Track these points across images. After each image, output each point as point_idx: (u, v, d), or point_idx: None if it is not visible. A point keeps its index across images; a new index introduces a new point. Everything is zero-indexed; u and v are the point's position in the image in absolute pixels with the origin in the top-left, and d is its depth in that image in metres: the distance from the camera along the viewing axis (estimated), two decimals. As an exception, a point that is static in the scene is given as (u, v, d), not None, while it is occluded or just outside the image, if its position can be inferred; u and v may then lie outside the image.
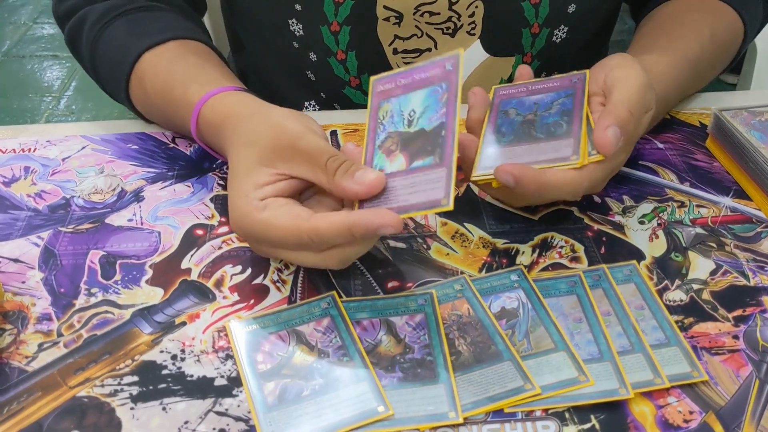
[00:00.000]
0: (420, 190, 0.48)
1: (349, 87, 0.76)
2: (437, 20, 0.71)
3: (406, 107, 0.51)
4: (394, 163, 0.50)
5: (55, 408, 0.46)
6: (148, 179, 0.65)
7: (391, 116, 0.52)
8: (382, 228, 0.46)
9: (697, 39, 0.69)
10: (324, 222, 0.47)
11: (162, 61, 0.65)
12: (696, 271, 0.55)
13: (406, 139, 0.51)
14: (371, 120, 0.53)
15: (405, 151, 0.50)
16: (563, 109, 0.57)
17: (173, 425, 0.45)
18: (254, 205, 0.49)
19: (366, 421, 0.44)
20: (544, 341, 0.49)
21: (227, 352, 0.49)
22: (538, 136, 0.56)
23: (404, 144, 0.50)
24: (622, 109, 0.53)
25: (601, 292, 0.53)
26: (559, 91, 0.58)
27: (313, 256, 0.50)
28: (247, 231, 0.50)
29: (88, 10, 0.69)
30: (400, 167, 0.50)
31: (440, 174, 0.48)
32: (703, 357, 0.49)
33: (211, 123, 0.59)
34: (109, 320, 0.51)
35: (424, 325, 0.50)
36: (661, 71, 0.64)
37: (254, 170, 0.50)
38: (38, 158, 0.67)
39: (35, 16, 2.98)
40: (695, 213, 0.61)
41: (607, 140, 0.52)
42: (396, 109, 0.52)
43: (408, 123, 0.51)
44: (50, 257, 0.56)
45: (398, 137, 0.51)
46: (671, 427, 0.44)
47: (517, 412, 0.45)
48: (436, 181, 0.48)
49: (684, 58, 0.67)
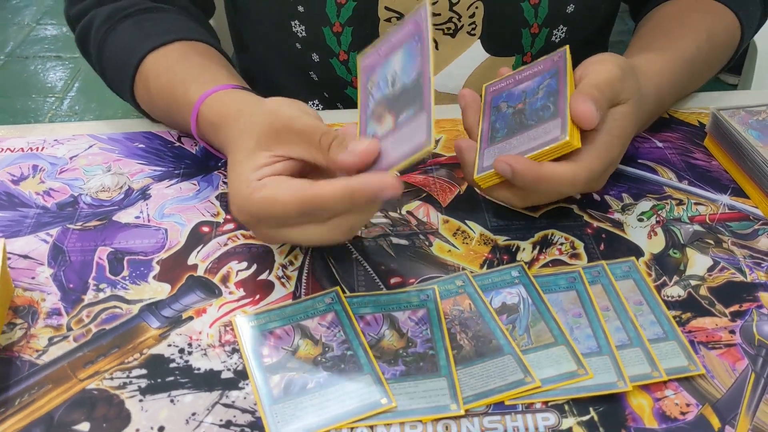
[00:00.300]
0: (405, 140, 0.48)
1: (351, 87, 0.77)
2: (438, 21, 0.72)
3: (389, 71, 0.52)
4: (384, 125, 0.50)
5: (65, 400, 0.47)
6: (155, 177, 0.66)
7: (378, 84, 0.52)
8: (381, 191, 0.46)
9: (694, 39, 0.70)
10: (326, 188, 0.47)
11: (165, 62, 0.66)
12: (694, 267, 0.56)
13: (391, 99, 0.51)
14: (362, 95, 0.54)
15: (392, 111, 0.50)
16: (549, 91, 0.57)
17: (181, 417, 0.46)
18: (253, 186, 0.49)
19: (369, 413, 0.45)
20: (544, 336, 0.50)
21: (233, 346, 0.50)
22: (529, 124, 0.56)
23: (390, 105, 0.50)
24: (590, 89, 0.54)
25: (600, 287, 0.54)
26: (543, 74, 0.59)
27: (317, 229, 0.49)
28: (249, 212, 0.50)
29: (95, 12, 0.70)
30: (389, 127, 0.50)
31: (421, 119, 0.47)
32: (700, 351, 0.50)
33: (210, 121, 0.60)
34: (118, 315, 0.52)
35: (426, 320, 0.51)
36: (658, 70, 0.65)
37: (252, 155, 0.51)
38: (46, 157, 0.68)
39: (38, 17, 3.00)
40: (693, 210, 0.62)
41: (587, 108, 0.53)
42: (381, 76, 0.52)
43: (392, 84, 0.51)
44: (59, 254, 0.57)
45: (385, 101, 0.51)
46: (668, 419, 0.45)
47: (518, 404, 0.46)
48: (417, 127, 0.47)
49: (681, 57, 0.68)
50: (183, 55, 0.66)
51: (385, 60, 0.52)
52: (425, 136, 0.46)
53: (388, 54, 0.52)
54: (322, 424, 0.45)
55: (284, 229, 0.50)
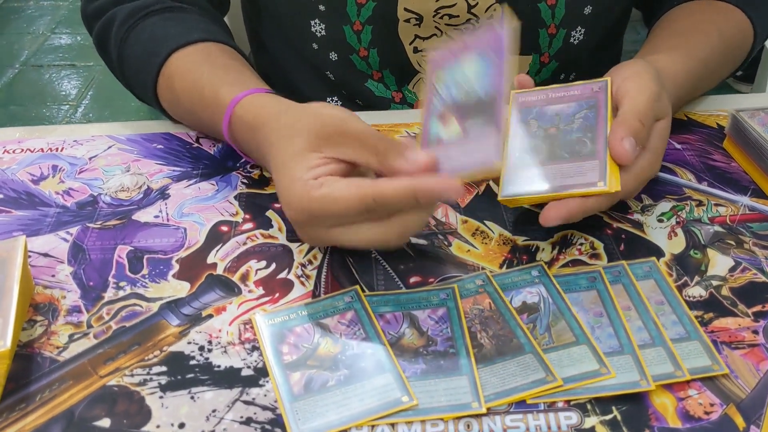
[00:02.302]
0: (472, 153, 0.49)
1: (371, 80, 0.78)
2: (456, 22, 0.72)
3: (461, 75, 0.52)
4: (450, 130, 0.51)
5: (86, 396, 0.47)
6: (174, 178, 0.66)
7: (446, 84, 0.53)
8: (444, 192, 0.48)
9: (708, 40, 0.70)
10: (389, 186, 0.48)
11: (190, 62, 0.66)
12: (715, 267, 0.56)
13: (462, 107, 0.51)
14: (428, 90, 0.54)
15: (461, 119, 0.51)
16: (586, 124, 0.56)
17: (201, 413, 0.46)
18: (310, 185, 0.50)
19: (390, 411, 0.45)
20: (565, 335, 0.50)
21: (253, 344, 0.50)
22: (562, 155, 0.56)
23: (460, 113, 0.51)
24: (632, 120, 0.54)
25: (621, 287, 0.54)
26: (580, 101, 0.58)
27: (372, 229, 0.50)
28: (306, 210, 0.50)
29: (116, 10, 0.70)
30: (455, 133, 0.51)
31: (491, 138, 0.49)
32: (723, 351, 0.49)
33: (246, 122, 0.60)
34: (138, 313, 0.52)
35: (447, 318, 0.51)
36: (674, 71, 0.65)
37: (302, 156, 0.51)
38: (66, 157, 0.69)
39: (53, 26, 3.02)
40: (713, 212, 0.61)
41: (624, 151, 0.53)
42: (451, 77, 0.53)
43: (462, 91, 0.52)
44: (79, 252, 0.58)
45: (455, 106, 0.52)
46: (692, 418, 0.45)
47: (540, 403, 0.46)
48: (486, 142, 0.49)
49: (695, 58, 0.68)
50: (208, 56, 0.67)
51: (455, 60, 0.53)
52: (494, 155, 0.48)
53: (459, 55, 0.53)
54: (343, 422, 0.45)
55: (338, 229, 0.51)
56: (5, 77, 2.63)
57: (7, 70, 2.68)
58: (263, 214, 0.61)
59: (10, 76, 2.64)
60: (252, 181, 0.65)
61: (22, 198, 0.63)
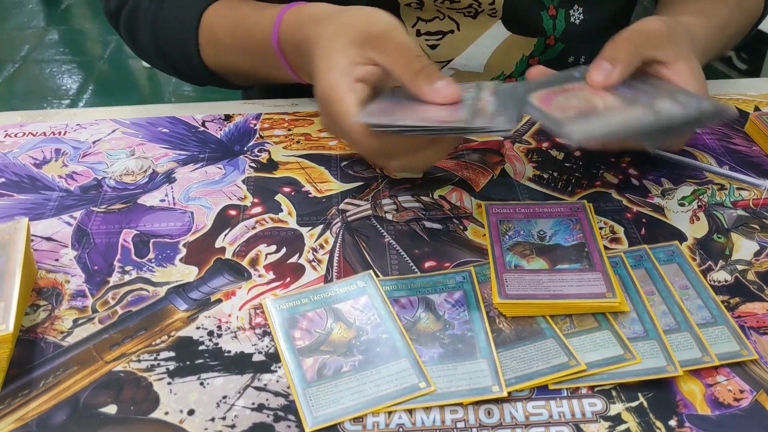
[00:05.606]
0: (581, 284, 0.49)
1: None
2: (458, 6, 0.70)
3: (534, 228, 0.54)
4: (534, 264, 0.51)
5: (91, 382, 0.45)
6: (179, 161, 0.64)
7: (516, 230, 0.54)
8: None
9: (725, 5, 0.68)
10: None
11: (225, 8, 0.67)
12: (740, 252, 0.54)
13: (541, 248, 0.52)
14: (492, 231, 0.54)
15: (544, 257, 0.51)
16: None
17: (211, 400, 0.44)
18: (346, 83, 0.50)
19: (408, 397, 0.43)
20: (587, 320, 0.48)
21: (264, 329, 0.48)
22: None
23: (540, 251, 0.52)
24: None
25: (644, 271, 0.52)
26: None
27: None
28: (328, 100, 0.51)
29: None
30: (542, 266, 0.51)
31: (596, 276, 0.50)
32: (751, 336, 0.47)
33: (296, 22, 0.59)
34: (144, 297, 0.51)
35: (463, 301, 0.49)
36: (695, 34, 0.63)
37: (346, 49, 0.52)
38: (69, 141, 0.67)
39: (54, 20, 3.00)
40: (736, 195, 0.59)
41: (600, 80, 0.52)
42: (518, 227, 0.54)
43: (539, 239, 0.53)
44: (83, 236, 0.56)
45: (530, 245, 0.52)
46: (722, 405, 0.43)
47: (563, 389, 0.44)
48: (593, 279, 0.50)
49: (715, 23, 0.66)
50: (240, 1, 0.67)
51: (525, 219, 0.55)
52: (606, 289, 0.49)
53: (529, 216, 0.56)
54: (359, 408, 0.43)
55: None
56: (6, 72, 2.61)
57: (7, 64, 2.66)
58: (272, 198, 0.60)
59: (10, 71, 2.62)
60: (260, 164, 0.64)
61: (24, 182, 0.62)
